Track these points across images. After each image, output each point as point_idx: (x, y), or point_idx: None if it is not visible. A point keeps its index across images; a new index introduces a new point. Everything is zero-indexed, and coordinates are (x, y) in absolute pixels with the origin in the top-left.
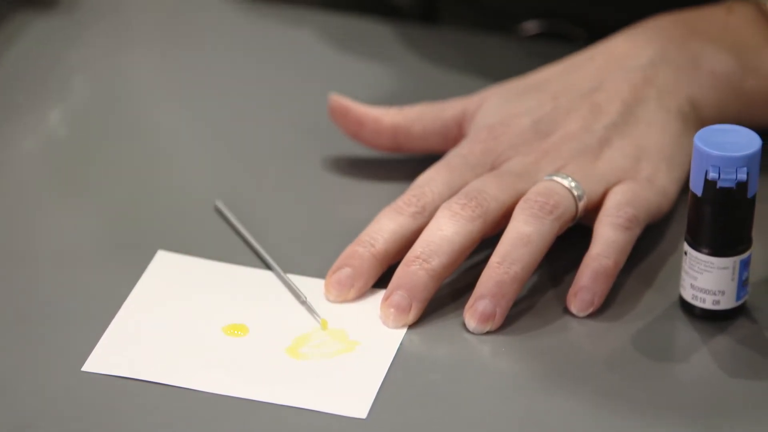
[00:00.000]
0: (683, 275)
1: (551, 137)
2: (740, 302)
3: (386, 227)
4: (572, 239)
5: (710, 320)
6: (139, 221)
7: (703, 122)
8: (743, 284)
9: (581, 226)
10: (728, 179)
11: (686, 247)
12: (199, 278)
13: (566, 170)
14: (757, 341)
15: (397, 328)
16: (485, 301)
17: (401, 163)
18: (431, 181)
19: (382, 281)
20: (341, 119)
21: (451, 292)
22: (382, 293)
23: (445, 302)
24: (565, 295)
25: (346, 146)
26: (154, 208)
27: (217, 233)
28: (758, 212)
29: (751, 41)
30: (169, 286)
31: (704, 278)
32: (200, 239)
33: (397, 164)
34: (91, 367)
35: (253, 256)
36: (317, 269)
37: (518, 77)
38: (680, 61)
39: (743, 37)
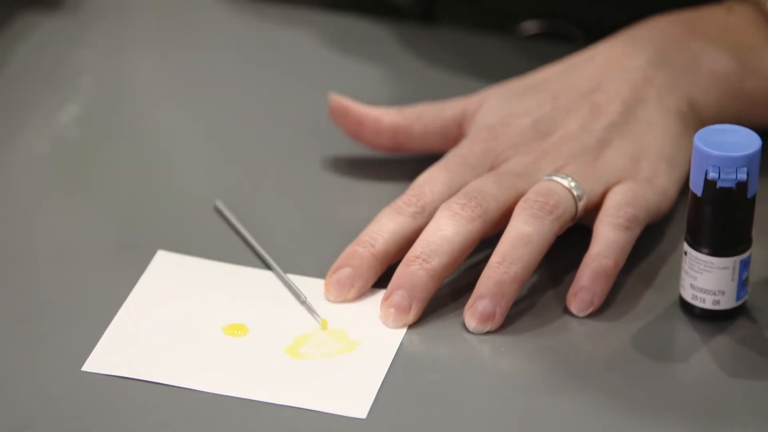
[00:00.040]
0: (683, 275)
1: (551, 137)
2: (740, 302)
3: (386, 227)
4: (572, 239)
5: (710, 320)
6: (139, 221)
7: (702, 122)
8: (743, 284)
9: (581, 226)
10: (728, 179)
11: (686, 247)
12: (199, 278)
13: (566, 170)
14: (757, 341)
15: (397, 328)
16: (485, 301)
17: (401, 163)
18: (431, 181)
19: (382, 281)
20: (341, 119)
21: (451, 292)
22: (382, 293)
23: (445, 302)
24: (565, 295)
25: (346, 146)
26: (154, 208)
27: (217, 233)
28: (758, 212)
29: (750, 41)
30: (169, 286)
31: (704, 278)
32: (200, 239)
33: (397, 164)
34: (91, 367)
35: (253, 256)
36: (317, 269)
37: (518, 77)
38: (680, 61)
39: (743, 37)
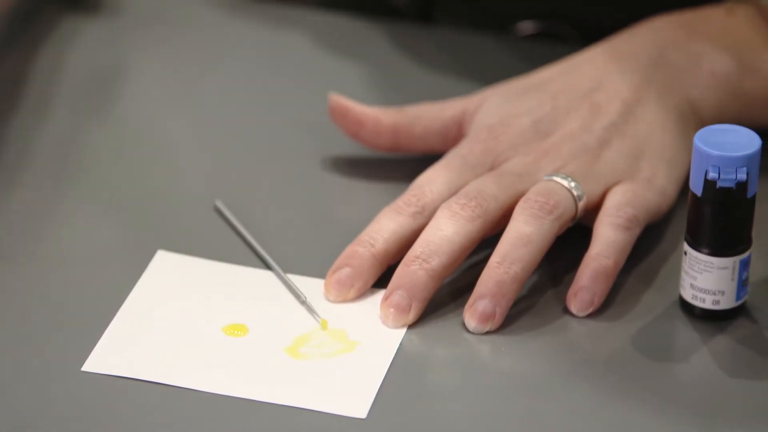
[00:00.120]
0: (683, 275)
1: (551, 137)
2: (740, 302)
3: (386, 227)
4: (572, 239)
5: (710, 320)
6: (139, 221)
7: (702, 122)
8: (743, 284)
9: (581, 226)
10: (728, 179)
11: (686, 247)
12: (199, 278)
13: (566, 170)
14: (756, 341)
15: (396, 328)
16: (485, 300)
17: (401, 163)
18: (431, 181)
19: (382, 281)
20: (341, 119)
21: (451, 292)
22: (381, 293)
23: (445, 302)
24: (565, 295)
25: (346, 146)
26: (154, 208)
27: (217, 233)
28: (758, 212)
29: (750, 42)
30: (169, 286)
31: (704, 278)
32: (200, 239)
33: (396, 164)
34: (91, 367)
35: (253, 256)
36: (317, 269)
37: (518, 77)
38: (680, 61)
39: (743, 37)
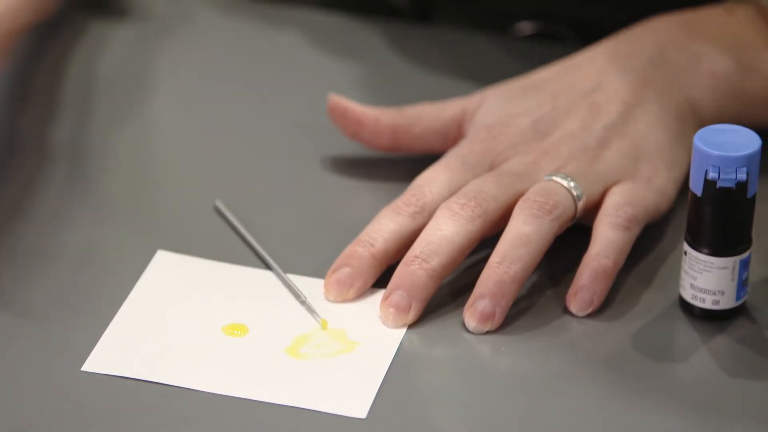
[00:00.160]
0: (683, 275)
1: (550, 137)
2: (740, 302)
3: (386, 227)
4: (572, 239)
5: (710, 320)
6: (139, 221)
7: (702, 122)
8: (743, 284)
9: (581, 225)
10: (728, 179)
11: (686, 246)
12: (199, 278)
13: (565, 170)
14: (756, 341)
15: (396, 327)
16: (485, 300)
17: (401, 163)
18: (430, 181)
19: (381, 281)
20: (340, 119)
21: (450, 291)
22: (381, 293)
23: (444, 302)
24: (564, 294)
25: (345, 146)
26: (154, 208)
27: (217, 233)
28: (758, 212)
29: (750, 42)
30: (169, 286)
31: (704, 278)
32: (200, 239)
33: (396, 164)
34: (91, 367)
35: (253, 256)
36: (317, 269)
37: (518, 77)
38: (680, 61)
39: (743, 37)
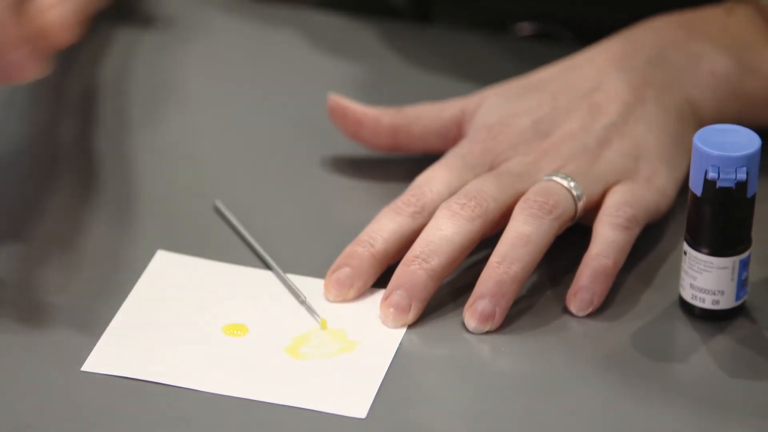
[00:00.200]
0: (683, 275)
1: (550, 137)
2: (740, 302)
3: (386, 227)
4: (572, 239)
5: (710, 320)
6: (139, 221)
7: (702, 122)
8: (743, 284)
9: (581, 225)
10: (728, 179)
11: (686, 246)
12: (198, 278)
13: (565, 170)
14: (756, 341)
15: (396, 327)
16: (485, 300)
17: (401, 163)
18: (430, 181)
19: (381, 281)
20: (340, 119)
21: (450, 291)
22: (381, 293)
23: (444, 302)
24: (564, 294)
25: (345, 146)
26: (154, 208)
27: (217, 233)
28: (758, 212)
29: (750, 42)
30: (168, 286)
31: (704, 278)
32: (200, 239)
33: (396, 164)
34: (90, 367)
35: (252, 256)
36: (317, 269)
37: (517, 77)
38: (680, 61)
39: (743, 37)
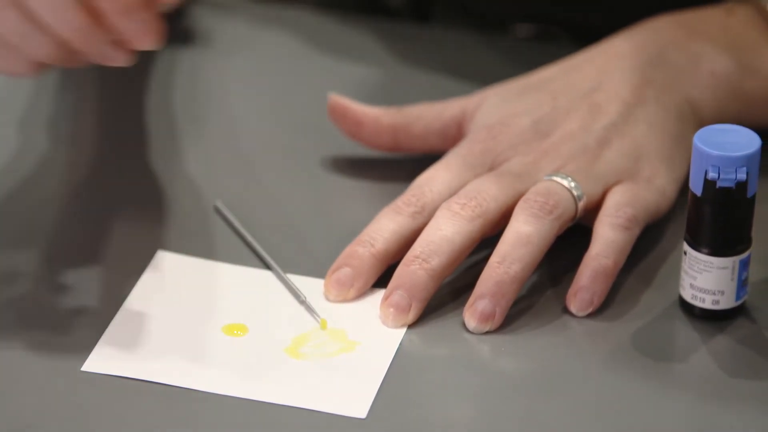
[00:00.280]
0: (683, 275)
1: (551, 137)
2: (740, 302)
3: (386, 227)
4: (572, 239)
5: (710, 320)
6: (139, 221)
7: (702, 122)
8: (743, 284)
9: (581, 226)
10: (728, 179)
11: (686, 246)
12: (198, 278)
13: (566, 170)
14: (756, 341)
15: (396, 327)
16: (485, 300)
17: (401, 163)
18: (431, 181)
19: (381, 281)
20: (340, 119)
21: (450, 291)
22: (381, 293)
23: (444, 302)
24: (564, 294)
25: (345, 146)
26: (154, 208)
27: (217, 233)
28: (758, 212)
29: (750, 42)
30: (168, 286)
31: (704, 278)
32: (200, 239)
33: (396, 164)
34: (90, 367)
35: (252, 256)
36: (317, 269)
37: (517, 77)
38: (680, 61)
39: (743, 37)
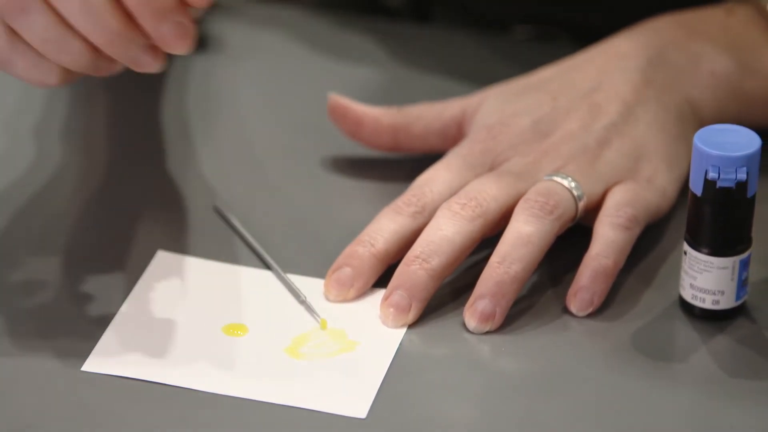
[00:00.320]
0: (683, 275)
1: (551, 137)
2: (740, 302)
3: (386, 227)
4: (572, 239)
5: (710, 320)
6: (139, 221)
7: (702, 122)
8: (743, 284)
9: (581, 226)
10: (728, 179)
11: (686, 246)
12: (198, 278)
13: (566, 170)
14: (756, 341)
15: (396, 327)
16: (485, 300)
17: (401, 163)
18: (431, 181)
19: (382, 281)
20: (340, 119)
21: (451, 291)
22: (381, 293)
23: (445, 302)
24: (565, 294)
25: (345, 146)
26: (154, 208)
27: (216, 233)
28: (758, 212)
29: (750, 42)
30: (169, 286)
31: (704, 278)
32: (200, 239)
33: (397, 164)
34: (90, 367)
35: (252, 256)
36: (317, 269)
37: (517, 77)
38: (680, 61)
39: (743, 37)
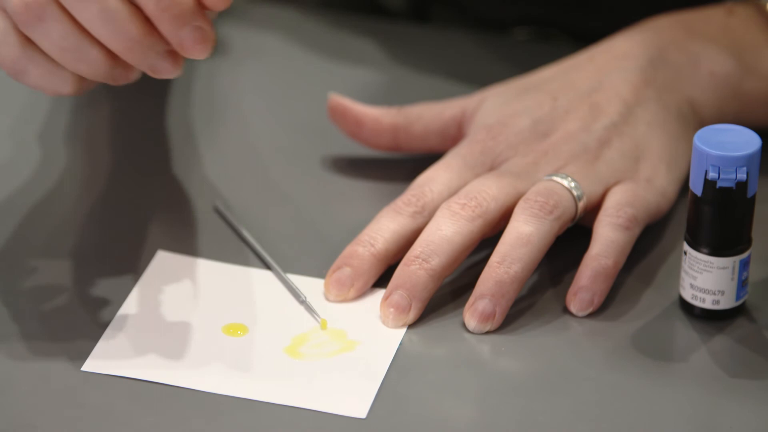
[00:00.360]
0: (683, 275)
1: (550, 137)
2: (740, 302)
3: (386, 227)
4: (572, 239)
5: (710, 320)
6: (139, 221)
7: (702, 122)
8: (743, 284)
9: (581, 226)
10: (728, 179)
11: (686, 246)
12: (198, 278)
13: (566, 170)
14: (756, 341)
15: (396, 327)
16: (485, 300)
17: (401, 163)
18: (431, 181)
19: (382, 281)
20: (340, 119)
21: (451, 291)
22: (381, 293)
23: (445, 302)
24: (565, 294)
25: (345, 146)
26: (154, 208)
27: (217, 233)
28: (758, 212)
29: (750, 42)
30: (169, 286)
31: (704, 278)
32: (200, 239)
33: (396, 164)
34: (90, 367)
35: (252, 256)
36: (317, 269)
37: (517, 77)
38: (680, 61)
39: (743, 37)
